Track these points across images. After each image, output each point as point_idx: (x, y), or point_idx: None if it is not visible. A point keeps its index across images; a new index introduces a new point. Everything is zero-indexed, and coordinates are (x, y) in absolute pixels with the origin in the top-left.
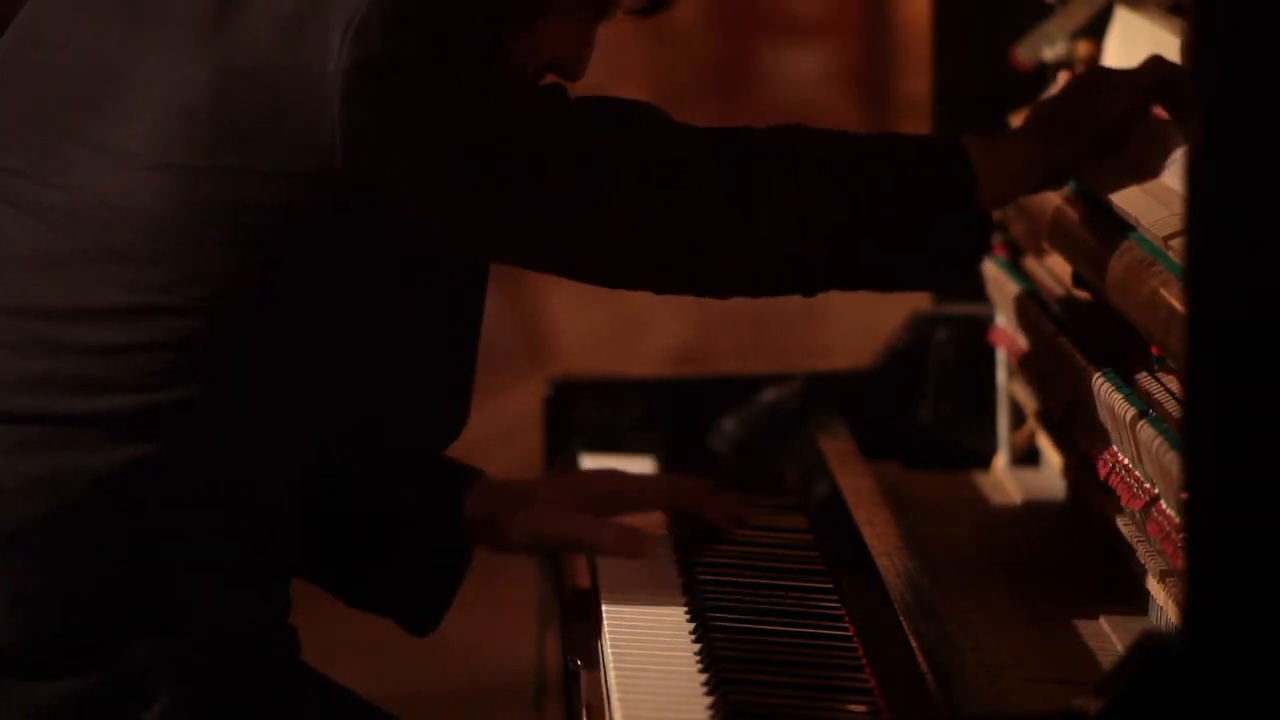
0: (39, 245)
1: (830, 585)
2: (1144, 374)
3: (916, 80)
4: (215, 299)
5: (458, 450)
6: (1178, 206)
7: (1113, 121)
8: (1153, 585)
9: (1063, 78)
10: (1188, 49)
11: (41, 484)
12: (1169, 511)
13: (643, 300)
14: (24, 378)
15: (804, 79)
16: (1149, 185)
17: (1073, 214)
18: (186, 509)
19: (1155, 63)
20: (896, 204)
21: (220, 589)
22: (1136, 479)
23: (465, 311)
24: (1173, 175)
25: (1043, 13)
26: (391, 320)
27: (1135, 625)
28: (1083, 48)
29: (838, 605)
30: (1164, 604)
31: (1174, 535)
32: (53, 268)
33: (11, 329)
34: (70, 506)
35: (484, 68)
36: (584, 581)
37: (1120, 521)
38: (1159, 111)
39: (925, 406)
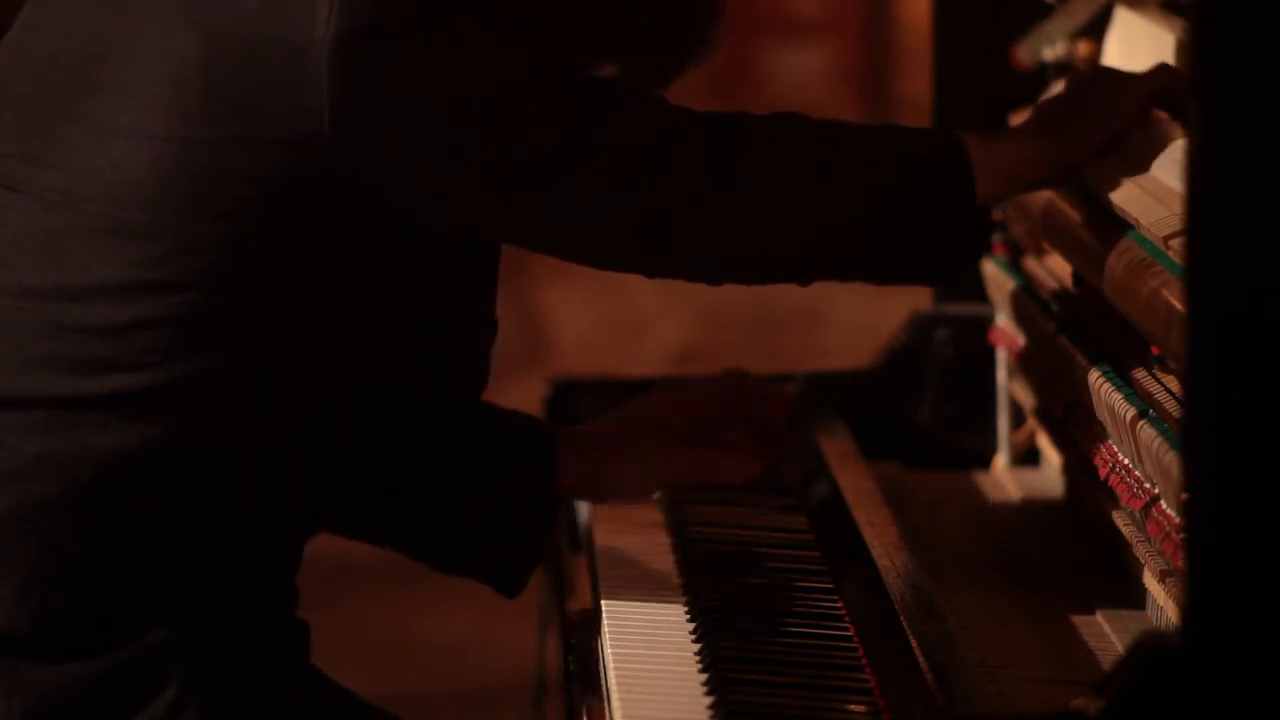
0: (38, 226)
1: (830, 585)
2: (1144, 374)
3: (916, 80)
4: (213, 272)
5: None
6: (1178, 206)
7: (1114, 125)
8: (1152, 585)
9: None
10: (1187, 48)
11: (50, 466)
12: (1169, 511)
13: (643, 300)
14: (28, 360)
15: (804, 79)
16: (1149, 185)
17: (1072, 214)
18: (195, 490)
19: (1162, 70)
20: (890, 196)
21: (228, 573)
22: (1136, 479)
23: (474, 279)
24: (1173, 175)
25: (1043, 13)
26: (396, 289)
27: (1134, 624)
28: (1083, 48)
29: (838, 605)
30: (1163, 603)
31: (1174, 535)
32: (51, 248)
33: (14, 311)
34: (80, 488)
35: (474, 38)
36: (584, 581)
37: (1119, 521)
38: (1159, 111)
39: (925, 406)
